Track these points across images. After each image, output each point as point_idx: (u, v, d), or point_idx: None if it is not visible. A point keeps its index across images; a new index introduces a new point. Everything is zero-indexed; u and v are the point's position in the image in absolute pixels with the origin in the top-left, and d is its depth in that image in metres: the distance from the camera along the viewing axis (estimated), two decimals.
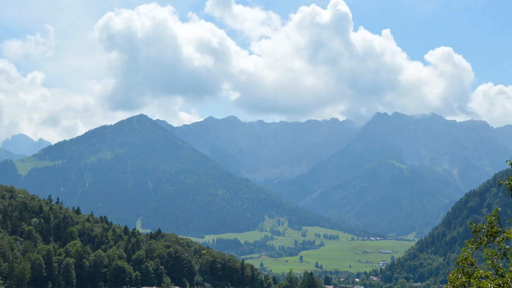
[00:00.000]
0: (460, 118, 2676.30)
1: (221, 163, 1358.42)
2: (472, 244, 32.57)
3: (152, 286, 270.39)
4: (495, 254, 32.07)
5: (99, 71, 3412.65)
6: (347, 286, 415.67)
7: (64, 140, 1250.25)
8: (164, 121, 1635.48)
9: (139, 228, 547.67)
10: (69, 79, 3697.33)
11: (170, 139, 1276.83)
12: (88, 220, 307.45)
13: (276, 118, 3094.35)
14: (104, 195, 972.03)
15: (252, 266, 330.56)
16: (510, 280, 30.46)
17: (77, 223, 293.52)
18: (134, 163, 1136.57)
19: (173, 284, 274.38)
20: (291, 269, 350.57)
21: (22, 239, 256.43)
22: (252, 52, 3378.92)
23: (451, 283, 32.28)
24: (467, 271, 32.14)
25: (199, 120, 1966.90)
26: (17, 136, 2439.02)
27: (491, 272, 31.97)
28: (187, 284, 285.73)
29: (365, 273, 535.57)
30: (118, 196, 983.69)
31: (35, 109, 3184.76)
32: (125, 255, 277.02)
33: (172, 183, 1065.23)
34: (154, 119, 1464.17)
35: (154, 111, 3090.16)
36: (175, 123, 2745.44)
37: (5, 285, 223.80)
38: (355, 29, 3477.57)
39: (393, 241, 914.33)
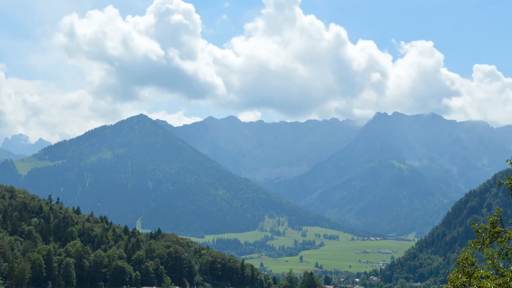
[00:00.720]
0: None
1: (221, 163, 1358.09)
2: (475, 244, 32.57)
3: (152, 286, 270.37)
4: (496, 254, 32.09)
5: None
6: (347, 286, 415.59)
7: (64, 140, 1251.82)
8: (164, 121, 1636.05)
9: (139, 228, 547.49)
10: (49, 72, 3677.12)
11: (170, 139, 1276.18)
12: (88, 220, 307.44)
13: (275, 118, 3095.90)
14: (104, 195, 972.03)
15: (252, 266, 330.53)
16: (510, 280, 30.46)
17: (77, 223, 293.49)
18: (134, 163, 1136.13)
19: (173, 284, 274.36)
20: (291, 269, 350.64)
21: (22, 239, 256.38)
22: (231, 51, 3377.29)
23: (451, 282, 32.30)
24: (468, 271, 32.15)
25: (199, 120, 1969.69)
26: (17, 136, 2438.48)
27: (491, 272, 31.99)
28: (187, 284, 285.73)
29: (365, 273, 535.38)
30: (118, 196, 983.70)
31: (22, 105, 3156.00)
32: (125, 255, 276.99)
33: (172, 183, 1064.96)
34: (154, 119, 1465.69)
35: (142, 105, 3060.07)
36: (175, 123, 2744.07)
37: (5, 285, 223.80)
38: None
39: (393, 241, 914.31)
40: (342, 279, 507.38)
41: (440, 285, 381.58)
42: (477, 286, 30.88)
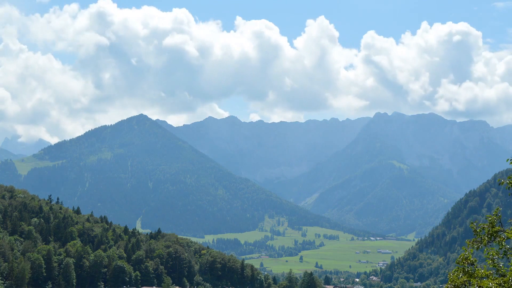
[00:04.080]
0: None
1: (221, 163, 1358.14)
2: (473, 244, 32.58)
3: (152, 286, 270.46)
4: (496, 254, 32.09)
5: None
6: (347, 286, 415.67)
7: (64, 140, 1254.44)
8: (164, 121, 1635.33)
9: (139, 228, 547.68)
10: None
11: (170, 139, 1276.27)
12: (88, 220, 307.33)
13: (275, 118, 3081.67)
14: (104, 195, 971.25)
15: (252, 266, 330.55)
16: (511, 279, 30.47)
17: (77, 223, 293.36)
18: (134, 163, 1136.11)
19: (173, 284, 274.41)
20: (291, 269, 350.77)
21: (22, 239, 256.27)
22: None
23: (451, 281, 32.30)
24: (468, 270, 32.16)
25: (199, 120, 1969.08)
26: (17, 136, 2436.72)
27: (491, 272, 32.00)
28: (187, 284, 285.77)
29: (365, 273, 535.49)
30: (118, 196, 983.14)
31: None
32: (125, 255, 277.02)
33: (172, 183, 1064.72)
34: (154, 119, 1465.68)
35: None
36: (175, 123, 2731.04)
37: (5, 285, 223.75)
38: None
39: (393, 241, 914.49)
40: (342, 279, 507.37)
41: (440, 285, 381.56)
42: (477, 285, 30.89)
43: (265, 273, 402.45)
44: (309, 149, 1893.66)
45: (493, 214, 32.62)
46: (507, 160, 31.78)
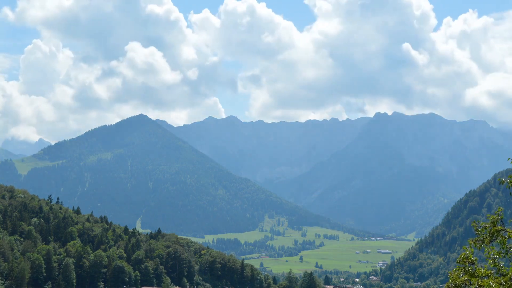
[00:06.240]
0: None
1: (221, 163, 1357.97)
2: (475, 243, 32.53)
3: (152, 286, 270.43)
4: (497, 253, 32.04)
5: None
6: (347, 286, 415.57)
7: (64, 140, 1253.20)
8: (164, 121, 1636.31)
9: (139, 228, 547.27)
10: None
11: (170, 139, 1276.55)
12: (88, 220, 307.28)
13: (276, 118, 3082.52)
14: (104, 195, 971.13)
15: (252, 266, 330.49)
16: (511, 279, 30.43)
17: (77, 223, 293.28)
18: (134, 163, 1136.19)
19: (172, 284, 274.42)
20: (291, 269, 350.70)
21: (22, 239, 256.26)
22: None
23: (452, 280, 32.25)
24: (468, 269, 32.11)
25: (199, 120, 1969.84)
26: (17, 136, 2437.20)
27: (492, 271, 31.95)
28: (187, 284, 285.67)
29: (365, 273, 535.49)
30: (118, 196, 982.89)
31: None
32: (125, 255, 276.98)
33: (172, 183, 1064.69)
34: (154, 118, 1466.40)
35: None
36: (175, 123, 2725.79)
37: (5, 285, 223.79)
38: None
39: (393, 241, 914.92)
40: (342, 279, 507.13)
41: (440, 285, 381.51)
42: (478, 285, 30.84)
43: (265, 273, 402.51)
44: (309, 149, 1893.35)
45: (495, 214, 32.59)
46: (508, 159, 31.78)
